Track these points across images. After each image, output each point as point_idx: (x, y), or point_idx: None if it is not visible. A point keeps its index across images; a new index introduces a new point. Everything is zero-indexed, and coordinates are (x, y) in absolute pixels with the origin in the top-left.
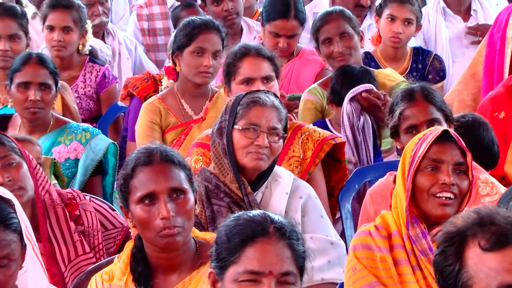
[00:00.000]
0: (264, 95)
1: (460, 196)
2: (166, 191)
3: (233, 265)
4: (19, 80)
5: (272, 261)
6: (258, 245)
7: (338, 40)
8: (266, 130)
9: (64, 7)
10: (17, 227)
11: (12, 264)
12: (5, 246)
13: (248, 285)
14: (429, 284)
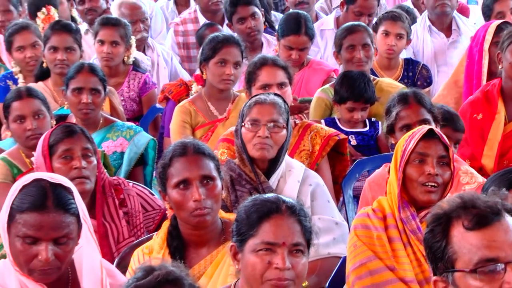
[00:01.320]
0: (264, 95)
1: (443, 185)
2: (198, 178)
3: (251, 238)
4: (73, 86)
5: (285, 234)
6: (273, 220)
7: (361, 48)
8: (266, 123)
9: (113, 25)
10: (75, 211)
11: (70, 242)
12: (64, 227)
13: (264, 254)
14: (418, 258)
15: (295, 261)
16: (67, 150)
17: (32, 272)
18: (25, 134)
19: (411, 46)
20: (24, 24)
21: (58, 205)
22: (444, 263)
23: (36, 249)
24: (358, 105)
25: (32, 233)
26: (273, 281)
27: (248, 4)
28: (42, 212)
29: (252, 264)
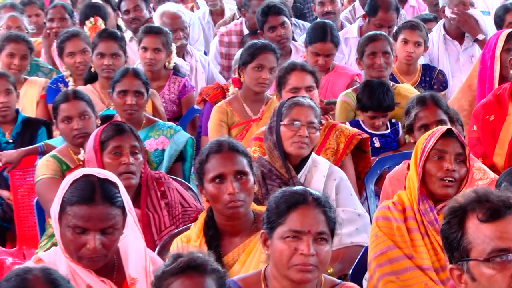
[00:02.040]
0: (302, 98)
1: (459, 180)
2: (232, 173)
3: (280, 226)
4: (119, 89)
5: (310, 223)
6: (300, 210)
7: (381, 56)
8: (305, 123)
9: (155, 33)
10: (121, 203)
11: (115, 232)
12: (111, 219)
13: (291, 241)
14: (435, 248)
15: (319, 249)
16: (117, 147)
17: (81, 260)
18: (72, 133)
19: (428, 53)
20: (75, 32)
21: (105, 198)
22: (459, 252)
23: (84, 238)
24: (378, 114)
25: (81, 224)
26: (298, 266)
27: (279, 14)
28: (90, 205)
29: (279, 250)
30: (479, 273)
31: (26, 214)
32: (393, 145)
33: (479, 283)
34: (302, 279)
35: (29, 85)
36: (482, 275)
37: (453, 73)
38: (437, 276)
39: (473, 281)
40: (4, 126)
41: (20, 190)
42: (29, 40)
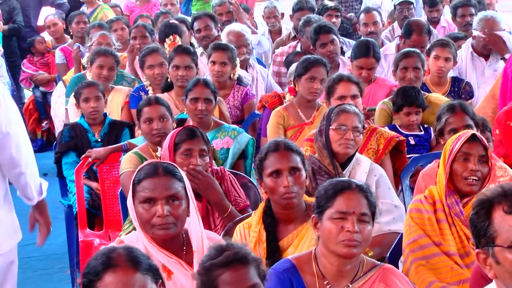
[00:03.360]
0: (348, 105)
1: (482, 178)
2: (287, 169)
3: (328, 209)
4: (191, 96)
5: (354, 205)
6: (345, 195)
7: (412, 70)
8: (351, 128)
9: (223, 49)
10: (182, 178)
11: (180, 202)
12: (173, 188)
13: (338, 221)
14: (460, 236)
15: (362, 227)
16: (188, 149)
17: (154, 229)
18: (152, 132)
19: (457, 67)
20: (154, 48)
21: (167, 171)
22: (486, 239)
23: (154, 209)
24: (412, 109)
25: (149, 194)
26: (345, 242)
27: (329, 32)
28: (154, 177)
29: (328, 229)
30: (503, 258)
31: (111, 202)
32: (426, 145)
33: (502, 266)
34: (348, 253)
35: (115, 93)
36: (505, 259)
37: (478, 85)
38: (462, 261)
39: (497, 264)
40: (94, 127)
41: (107, 182)
42: (116, 54)
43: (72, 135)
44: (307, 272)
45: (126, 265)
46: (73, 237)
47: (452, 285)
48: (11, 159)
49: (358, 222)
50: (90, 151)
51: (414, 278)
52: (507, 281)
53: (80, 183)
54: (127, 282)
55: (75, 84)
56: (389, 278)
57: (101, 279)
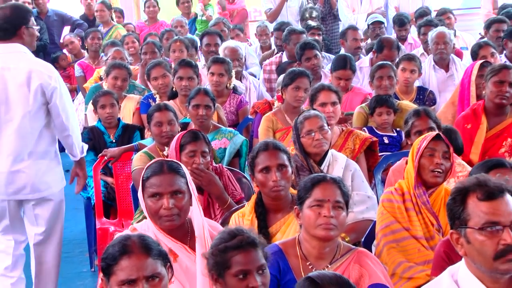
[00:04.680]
0: (307, 112)
1: (445, 171)
2: (276, 165)
3: (307, 199)
4: (193, 103)
5: (330, 194)
6: (321, 185)
7: (387, 79)
8: (317, 129)
9: (220, 62)
10: (184, 174)
11: (183, 196)
12: (177, 184)
13: (316, 208)
14: (426, 222)
15: (337, 213)
16: (192, 150)
17: (161, 220)
18: (162, 134)
19: (422, 78)
20: (158, 62)
21: (171, 169)
22: (459, 221)
23: (161, 202)
24: (383, 109)
25: (155, 190)
26: (322, 225)
27: (312, 48)
28: (160, 174)
29: (308, 215)
30: (473, 238)
31: (124, 195)
32: (397, 145)
33: (472, 245)
34: (326, 235)
35: (128, 100)
36: (475, 240)
37: (440, 93)
38: (427, 243)
39: (468, 244)
40: (109, 130)
41: (120, 177)
42: (128, 67)
43: (90, 136)
44: (292, 255)
45: (139, 251)
46: (91, 224)
47: (419, 265)
48: (62, 125)
49: (333, 209)
50: (106, 150)
51: (386, 258)
52: (475, 258)
53: (97, 178)
54: (140, 266)
55: (93, 93)
56: (363, 260)
57: (118, 263)
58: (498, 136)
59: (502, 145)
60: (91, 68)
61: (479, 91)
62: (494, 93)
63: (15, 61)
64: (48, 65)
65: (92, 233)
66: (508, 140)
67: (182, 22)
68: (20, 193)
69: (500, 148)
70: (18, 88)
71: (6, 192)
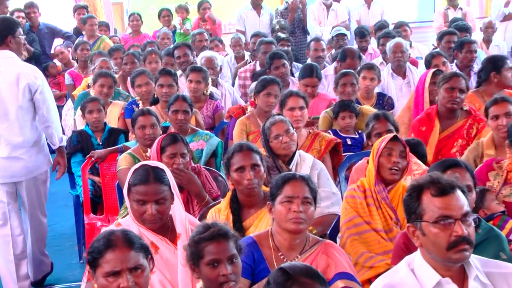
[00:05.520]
0: (272, 118)
1: (402, 169)
2: (249, 165)
3: (278, 195)
4: (173, 109)
5: (298, 190)
6: (291, 183)
7: (349, 86)
8: (284, 133)
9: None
10: (168, 182)
11: (166, 202)
12: (161, 193)
13: (286, 204)
14: (385, 216)
15: (306, 208)
16: (173, 153)
17: (144, 222)
18: (145, 137)
19: (381, 85)
20: (141, 71)
21: (156, 179)
22: (415, 215)
23: (145, 208)
24: (346, 114)
25: (141, 197)
26: (292, 219)
27: (280, 58)
28: (146, 184)
29: (279, 211)
30: (428, 231)
31: (110, 193)
32: (359, 146)
33: (427, 237)
34: (295, 228)
35: (113, 106)
36: (430, 232)
37: (398, 98)
38: (386, 235)
39: (423, 236)
40: (96, 133)
41: (107, 176)
42: (113, 76)
43: (79, 139)
44: (265, 247)
45: (122, 245)
46: (80, 220)
47: (379, 255)
48: (42, 116)
49: (302, 204)
50: (93, 152)
51: (349, 249)
52: (429, 249)
53: (85, 178)
54: (124, 258)
55: (81, 99)
56: (329, 251)
57: (103, 256)
58: (450, 138)
59: (454, 145)
60: (80, 77)
61: (432, 97)
62: (445, 98)
63: (5, 65)
64: (33, 68)
65: (80, 228)
66: (459, 141)
67: (168, 35)
68: (16, 176)
69: (452, 148)
70: (9, 87)
71: (3, 177)
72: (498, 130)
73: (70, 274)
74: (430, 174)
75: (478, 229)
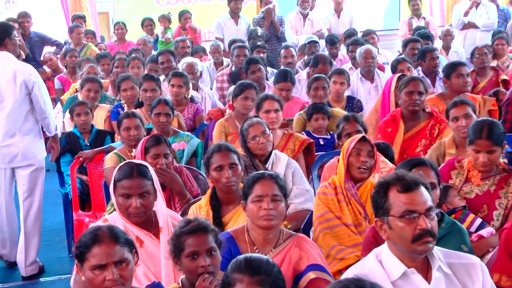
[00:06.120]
0: (249, 120)
1: (370, 168)
2: (228, 164)
3: (250, 195)
4: (155, 112)
5: (268, 189)
6: (261, 182)
7: (321, 89)
8: (261, 134)
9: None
10: (151, 178)
11: (149, 196)
12: (145, 187)
13: (257, 203)
14: (355, 212)
15: (276, 205)
16: (156, 153)
17: (129, 216)
18: (130, 138)
19: (350, 88)
20: (126, 76)
21: (140, 173)
22: (382, 210)
23: (129, 201)
24: (319, 115)
25: (126, 191)
26: (263, 217)
27: (256, 63)
28: (130, 178)
29: (251, 209)
30: (394, 225)
31: (97, 191)
32: (331, 145)
33: (394, 231)
34: (267, 225)
35: (100, 109)
36: (396, 226)
37: (366, 101)
38: (356, 229)
39: (390, 229)
40: (84, 135)
41: (94, 175)
42: (100, 81)
43: (67, 141)
44: (241, 241)
45: (108, 240)
46: (69, 216)
47: (349, 248)
48: (40, 109)
49: (272, 201)
50: (81, 152)
51: (322, 242)
52: (396, 242)
53: (74, 177)
54: (110, 252)
55: (70, 103)
56: (302, 244)
57: (90, 250)
58: (414, 138)
59: (418, 145)
60: (69, 82)
61: (397, 100)
62: (406, 102)
63: (3, 64)
64: (28, 66)
65: (69, 223)
66: (422, 141)
67: (145, 41)
68: (13, 161)
69: (416, 148)
70: (7, 83)
71: (3, 162)
72: (459, 131)
73: (60, 267)
74: (396, 171)
75: (442, 223)
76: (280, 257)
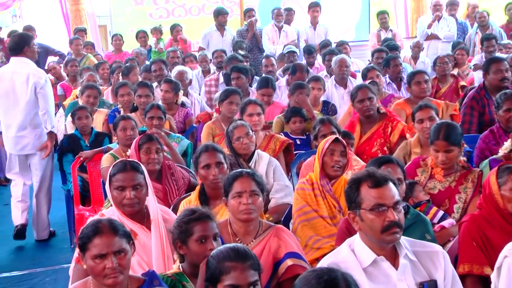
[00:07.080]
0: (235, 121)
1: (343, 166)
2: (214, 163)
3: (230, 192)
4: (149, 115)
5: (246, 186)
6: (239, 180)
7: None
8: (244, 135)
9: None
10: (142, 172)
11: (142, 188)
12: (137, 179)
13: (237, 199)
14: (330, 205)
15: (254, 199)
16: (148, 148)
17: (124, 207)
18: (126, 138)
19: (326, 94)
20: (123, 83)
21: (133, 167)
22: (355, 204)
23: (124, 194)
24: (297, 119)
25: (120, 183)
26: (243, 211)
27: (238, 71)
28: (124, 171)
29: (232, 205)
30: (366, 217)
31: (96, 187)
32: (307, 145)
33: (365, 223)
34: (247, 218)
35: (99, 113)
36: (367, 218)
37: (340, 105)
38: (331, 221)
39: (362, 221)
40: (84, 136)
41: (93, 173)
42: (99, 88)
43: (69, 142)
44: (225, 233)
45: (108, 231)
46: (70, 211)
47: (325, 238)
48: (41, 104)
49: (250, 197)
50: (82, 153)
51: (300, 233)
52: (367, 232)
53: (75, 175)
54: (109, 243)
55: (71, 108)
56: (280, 234)
57: (91, 241)
58: (371, 139)
59: (374, 145)
60: (70, 89)
61: None
62: (360, 109)
63: (20, 68)
64: (40, 70)
65: (71, 217)
66: (378, 140)
67: (139, 53)
68: (24, 149)
69: (372, 147)
70: (21, 85)
71: (15, 149)
72: (423, 132)
73: (62, 257)
74: (367, 169)
75: (407, 214)
76: (260, 247)
